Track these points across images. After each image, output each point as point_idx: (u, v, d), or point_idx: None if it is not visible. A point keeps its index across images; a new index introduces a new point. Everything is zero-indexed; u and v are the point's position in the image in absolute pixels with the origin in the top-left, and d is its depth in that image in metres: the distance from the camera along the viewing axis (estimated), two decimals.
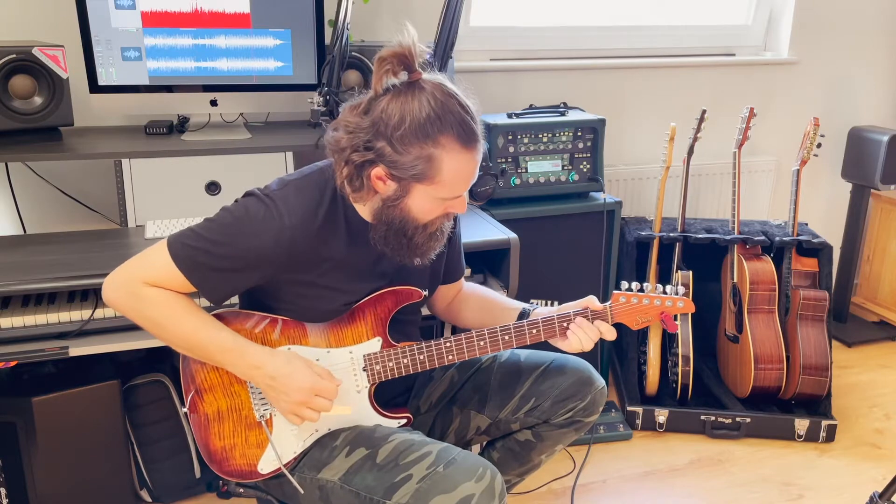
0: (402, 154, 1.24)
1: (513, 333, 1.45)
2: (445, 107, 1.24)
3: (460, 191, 1.31)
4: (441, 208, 1.33)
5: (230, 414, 1.42)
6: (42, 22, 2.15)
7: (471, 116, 1.27)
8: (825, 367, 2.48)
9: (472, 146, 1.27)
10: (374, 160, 1.27)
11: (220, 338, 1.33)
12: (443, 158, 1.25)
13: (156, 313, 1.32)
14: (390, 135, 1.24)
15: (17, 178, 2.17)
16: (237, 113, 2.30)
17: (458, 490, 1.25)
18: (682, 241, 2.59)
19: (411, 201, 1.30)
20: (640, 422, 2.51)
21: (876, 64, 3.26)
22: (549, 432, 1.55)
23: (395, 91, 1.26)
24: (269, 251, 1.30)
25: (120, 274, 1.34)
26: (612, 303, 1.47)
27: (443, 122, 1.23)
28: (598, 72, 2.86)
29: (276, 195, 1.32)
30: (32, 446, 1.84)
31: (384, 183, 1.29)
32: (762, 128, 3.11)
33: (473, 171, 1.31)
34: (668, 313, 1.48)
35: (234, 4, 2.06)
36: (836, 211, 3.34)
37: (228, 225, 1.31)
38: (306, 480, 1.40)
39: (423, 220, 1.33)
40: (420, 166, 1.25)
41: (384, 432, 1.40)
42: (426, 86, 1.25)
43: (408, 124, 1.23)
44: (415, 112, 1.23)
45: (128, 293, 1.32)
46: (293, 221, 1.30)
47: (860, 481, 2.28)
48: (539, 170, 2.45)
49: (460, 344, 1.44)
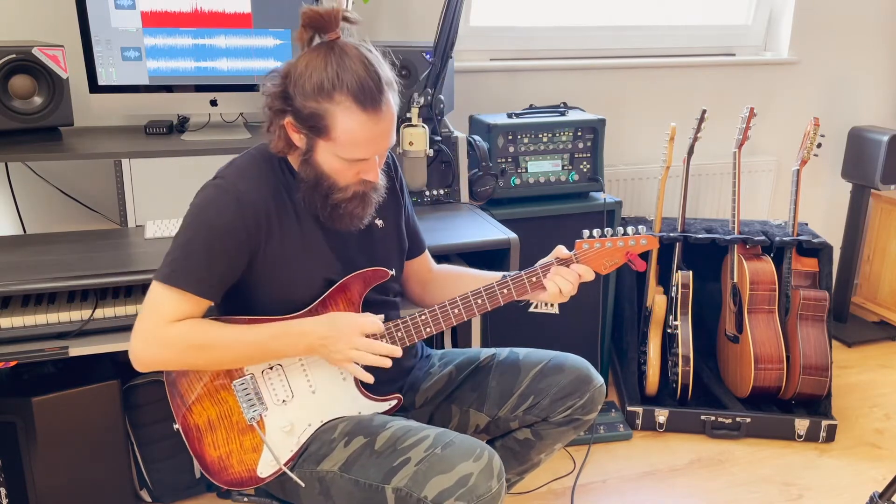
0: (303, 105, 1.29)
1: (485, 296, 1.46)
2: (349, 67, 1.27)
3: (361, 154, 1.33)
4: (351, 171, 1.35)
5: (221, 422, 1.42)
6: (42, 22, 2.15)
7: (374, 82, 1.28)
8: (825, 367, 2.48)
9: (369, 108, 1.28)
10: (284, 109, 1.32)
11: (259, 330, 1.36)
12: (336, 114, 1.28)
13: (193, 340, 1.33)
14: (295, 85, 1.29)
15: (17, 178, 2.17)
16: (237, 113, 2.30)
17: (456, 470, 1.26)
18: (682, 241, 2.59)
19: (319, 157, 1.34)
20: (640, 422, 2.51)
21: (876, 64, 3.26)
22: (549, 430, 1.55)
23: (311, 48, 1.31)
24: (236, 220, 1.33)
25: (138, 335, 1.34)
26: (576, 251, 1.50)
27: (340, 80, 1.26)
28: (598, 72, 2.86)
29: (225, 172, 1.38)
30: (32, 446, 1.84)
31: (298, 135, 1.34)
32: (762, 128, 3.11)
33: (375, 137, 1.32)
34: (633, 252, 1.50)
35: (234, 4, 2.06)
36: (836, 211, 3.34)
37: (191, 223, 1.34)
38: (306, 474, 1.40)
39: (337, 180, 1.36)
40: (315, 119, 1.29)
41: (382, 420, 1.41)
42: (338, 46, 1.30)
43: (308, 76, 1.28)
44: (319, 67, 1.28)
45: (158, 344, 1.33)
46: (248, 185, 1.35)
47: (860, 481, 2.28)
48: (539, 170, 2.45)
49: (435, 314, 1.45)
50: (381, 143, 1.34)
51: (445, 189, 2.26)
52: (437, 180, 2.25)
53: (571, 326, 2.55)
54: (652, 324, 2.59)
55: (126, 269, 1.70)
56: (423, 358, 1.68)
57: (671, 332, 2.57)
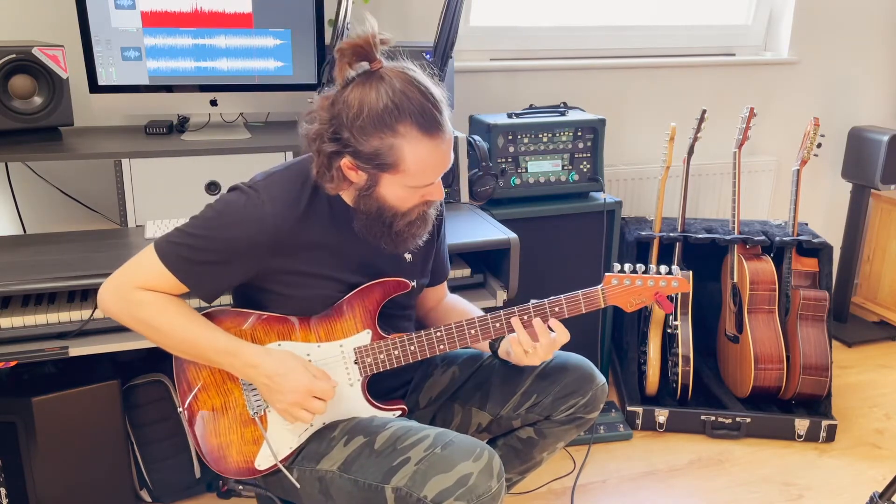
0: (364, 144, 1.26)
1: (503, 320, 1.46)
2: (404, 94, 1.24)
3: (429, 179, 1.32)
4: (416, 196, 1.34)
5: (224, 411, 1.43)
6: (42, 22, 2.15)
7: (432, 104, 1.26)
8: (825, 367, 2.48)
9: (434, 133, 1.26)
10: (340, 151, 1.29)
11: (213, 338, 1.34)
12: (403, 147, 1.25)
13: (148, 316, 1.33)
14: (351, 125, 1.26)
15: (17, 178, 2.17)
16: (237, 113, 2.30)
17: (455, 469, 1.26)
18: (682, 240, 2.59)
19: (383, 190, 1.32)
20: (641, 422, 2.51)
21: (876, 64, 3.26)
22: (551, 429, 1.55)
23: (356, 81, 1.27)
24: (254, 239, 1.31)
25: (112, 281, 1.36)
26: (604, 285, 1.46)
27: (400, 111, 1.23)
28: (598, 72, 2.86)
29: (259, 185, 1.35)
30: (32, 446, 1.84)
31: (355, 172, 1.31)
32: (762, 128, 3.11)
33: (441, 159, 1.31)
34: (662, 294, 1.44)
35: (234, 4, 2.06)
36: (836, 211, 3.34)
37: (211, 219, 1.33)
38: (305, 473, 1.40)
39: (401, 207, 1.35)
40: (382, 156, 1.26)
41: (382, 420, 1.41)
42: (386, 74, 1.26)
43: (366, 114, 1.24)
44: (372, 102, 1.24)
45: (120, 298, 1.34)
46: (276, 209, 1.32)
47: (860, 481, 2.28)
48: (539, 170, 2.45)
49: (451, 333, 1.45)
50: (446, 162, 1.32)
51: (445, 189, 2.25)
52: None
53: (572, 326, 2.53)
54: (652, 324, 2.59)
55: None
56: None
57: (671, 332, 2.57)
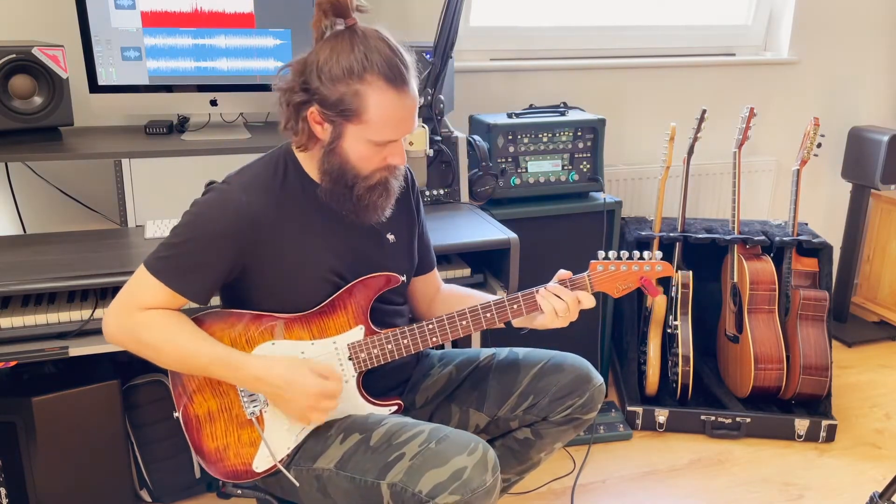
0: (330, 91, 1.30)
1: (494, 310, 1.47)
2: (375, 48, 1.29)
3: (391, 135, 1.34)
4: (378, 156, 1.36)
5: (221, 414, 1.43)
6: (42, 22, 2.15)
7: (400, 60, 1.31)
8: (825, 367, 2.48)
9: (400, 87, 1.30)
10: (308, 100, 1.32)
11: (216, 353, 1.35)
12: (368, 95, 1.29)
13: (150, 337, 1.34)
14: (319, 73, 1.30)
15: (17, 178, 2.17)
16: (237, 113, 2.30)
17: (450, 464, 1.26)
18: (682, 240, 2.59)
19: (346, 144, 1.34)
20: (640, 422, 2.51)
21: (876, 64, 3.26)
22: (548, 430, 1.55)
23: (330, 35, 1.33)
24: (234, 227, 1.33)
25: (112, 308, 1.37)
26: (590, 272, 1.49)
27: (369, 60, 1.28)
28: (598, 72, 2.86)
29: (232, 178, 1.39)
30: (32, 446, 1.84)
31: (321, 126, 1.34)
32: (762, 128, 3.11)
33: (404, 116, 1.34)
34: (647, 278, 1.49)
35: (234, 4, 2.06)
36: (836, 211, 3.34)
37: (190, 222, 1.35)
38: (303, 472, 1.40)
39: (362, 169, 1.37)
40: (346, 102, 1.30)
41: (377, 418, 1.41)
42: (360, 30, 1.32)
43: (335, 60, 1.29)
44: (345, 50, 1.29)
45: (121, 323, 1.35)
46: (250, 196, 1.35)
47: (860, 481, 2.28)
48: (539, 170, 2.45)
49: (443, 324, 1.45)
50: (409, 123, 1.36)
51: (445, 189, 2.26)
52: (437, 180, 2.25)
53: (571, 326, 2.52)
54: (652, 324, 2.59)
55: (126, 269, 1.69)
56: (423, 357, 1.68)
57: (671, 332, 2.57)
